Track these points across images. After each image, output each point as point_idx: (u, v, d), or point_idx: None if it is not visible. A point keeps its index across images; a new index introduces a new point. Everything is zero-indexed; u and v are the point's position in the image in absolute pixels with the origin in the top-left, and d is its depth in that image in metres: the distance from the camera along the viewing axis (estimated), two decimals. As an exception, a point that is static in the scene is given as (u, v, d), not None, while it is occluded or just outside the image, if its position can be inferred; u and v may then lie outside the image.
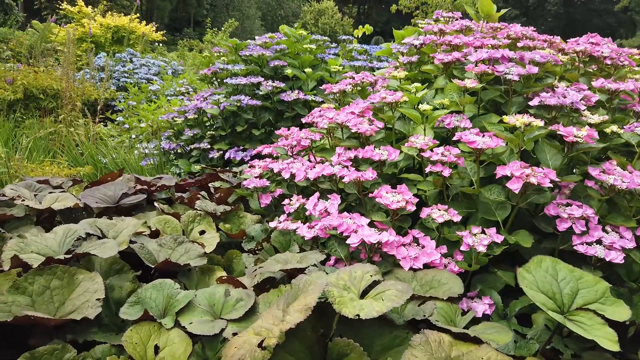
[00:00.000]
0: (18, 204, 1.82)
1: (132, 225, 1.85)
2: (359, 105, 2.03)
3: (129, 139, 5.14)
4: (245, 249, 1.91)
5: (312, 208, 1.77)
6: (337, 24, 36.25)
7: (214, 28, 12.03)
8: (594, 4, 47.39)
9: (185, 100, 4.38)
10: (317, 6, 37.48)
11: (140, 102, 6.33)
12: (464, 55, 2.02)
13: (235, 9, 37.60)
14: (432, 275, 1.47)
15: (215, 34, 11.79)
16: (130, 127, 5.12)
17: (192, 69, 10.20)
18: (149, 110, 5.00)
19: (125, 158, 4.35)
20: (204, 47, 12.84)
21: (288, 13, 40.26)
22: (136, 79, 7.83)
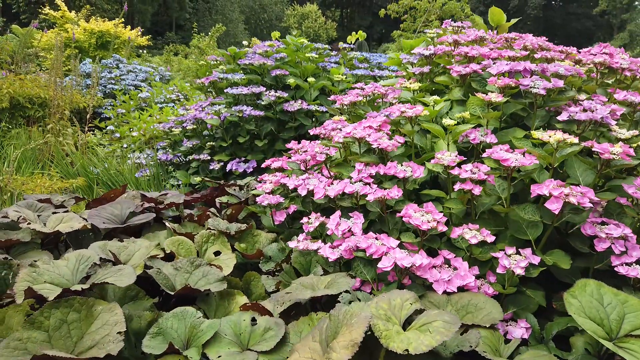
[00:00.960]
0: (23, 227, 1.72)
1: (145, 248, 1.77)
2: (376, 119, 1.98)
3: (120, 148, 5.02)
4: (264, 270, 1.83)
5: (335, 228, 1.70)
6: (321, 28, 36.27)
7: (200, 33, 11.88)
8: (573, 7, 48.19)
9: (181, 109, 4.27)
10: (300, 10, 37.47)
11: (130, 110, 6.20)
12: (483, 67, 1.97)
13: (218, 12, 37.37)
14: (468, 299, 1.42)
15: (201, 39, 11.65)
16: (121, 136, 5.00)
17: (179, 74, 10.07)
18: (142, 119, 4.88)
19: (118, 169, 4.24)
20: (191, 52, 12.70)
21: (271, 17, 40.15)
22: (123, 85, 7.68)
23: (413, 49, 2.71)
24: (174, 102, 6.29)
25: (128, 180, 3.96)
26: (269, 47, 3.58)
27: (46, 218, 1.93)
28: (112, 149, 5.06)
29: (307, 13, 36.90)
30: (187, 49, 12.86)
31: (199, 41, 11.49)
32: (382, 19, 48.97)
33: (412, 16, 9.60)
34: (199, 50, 11.48)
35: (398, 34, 9.69)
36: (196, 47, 11.33)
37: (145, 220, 1.98)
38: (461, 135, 1.77)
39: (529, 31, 11.77)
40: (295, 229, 2.12)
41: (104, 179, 4.18)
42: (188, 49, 12.20)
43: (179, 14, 39.22)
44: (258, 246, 1.99)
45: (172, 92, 6.37)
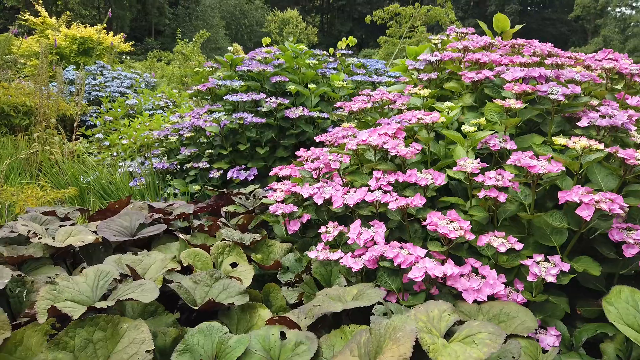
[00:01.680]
0: (34, 241, 1.65)
1: (160, 261, 1.72)
2: (390, 126, 1.96)
3: (110, 156, 4.92)
4: (282, 281, 1.79)
5: (356, 237, 1.68)
6: (302, 34, 36.24)
7: (184, 39, 11.78)
8: (548, 13, 49.16)
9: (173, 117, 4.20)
10: (281, 15, 37.39)
11: (117, 117, 6.09)
12: (497, 73, 1.97)
13: (198, 18, 37.16)
14: (500, 308, 1.40)
15: (185, 45, 11.54)
16: (111, 144, 4.90)
17: (163, 80, 9.96)
18: (133, 127, 4.80)
19: (110, 178, 4.15)
20: (175, 57, 12.58)
21: (252, 22, 40.05)
22: (108, 92, 7.55)
23: (418, 55, 2.71)
24: (162, 109, 6.21)
25: (121, 190, 3.88)
26: (267, 53, 3.55)
27: (54, 231, 1.87)
28: (102, 157, 4.96)
29: (288, 19, 36.84)
30: (170, 54, 12.72)
31: (183, 47, 11.38)
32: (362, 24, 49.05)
33: (397, 22, 9.66)
34: (183, 56, 11.38)
35: (384, 40, 9.74)
36: (180, 52, 11.22)
37: (156, 232, 1.93)
38: (480, 142, 1.76)
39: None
40: (309, 238, 2.09)
41: (96, 188, 4.09)
42: (171, 54, 12.07)
43: (158, 19, 38.89)
44: (273, 256, 1.95)
45: (160, 99, 6.28)
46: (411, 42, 9.15)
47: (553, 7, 50.64)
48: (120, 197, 3.80)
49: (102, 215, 2.27)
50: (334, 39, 48.29)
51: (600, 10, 39.46)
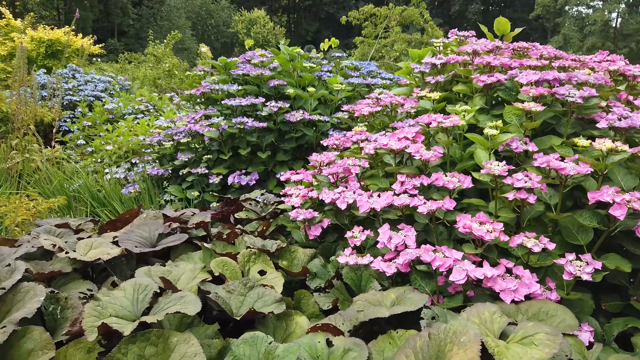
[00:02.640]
0: (61, 256, 1.60)
1: (189, 271, 1.70)
2: (409, 129, 1.98)
3: (93, 163, 4.80)
4: (312, 287, 1.80)
5: (387, 241, 1.69)
6: (270, 34, 36.16)
7: (155, 40, 11.57)
8: (509, 12, 50.36)
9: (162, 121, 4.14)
10: (248, 15, 37.20)
11: (95, 122, 5.95)
12: (511, 76, 2.02)
13: (163, 18, 36.55)
14: (538, 307, 1.44)
15: (156, 46, 11.35)
16: (95, 149, 4.78)
17: (135, 82, 9.76)
18: (118, 132, 4.69)
19: (98, 185, 4.05)
20: (145, 59, 12.35)
21: (219, 22, 39.65)
22: (82, 96, 7.35)
23: (421, 58, 2.75)
24: (143, 112, 6.09)
25: (112, 197, 3.80)
26: (261, 56, 3.54)
27: (73, 244, 1.82)
28: (85, 164, 4.83)
29: (255, 19, 36.69)
30: (141, 56, 12.46)
31: (154, 49, 11.18)
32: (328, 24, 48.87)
33: (372, 23, 9.74)
34: (155, 58, 11.18)
35: (360, 40, 9.81)
36: (152, 54, 11.02)
37: (178, 242, 1.90)
38: (502, 144, 1.81)
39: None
40: (329, 243, 2.09)
41: (85, 196, 3.99)
42: (142, 56, 11.83)
43: (121, 20, 38.06)
44: (297, 262, 1.95)
45: (140, 103, 6.16)
46: (386, 42, 9.25)
47: (514, 6, 51.96)
48: (113, 205, 3.71)
49: (112, 226, 2.22)
50: (301, 39, 48.26)
51: (559, 9, 40.68)
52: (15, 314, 1.31)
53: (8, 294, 1.39)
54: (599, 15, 35.64)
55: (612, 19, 36.67)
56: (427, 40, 9.16)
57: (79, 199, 4.14)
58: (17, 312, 1.33)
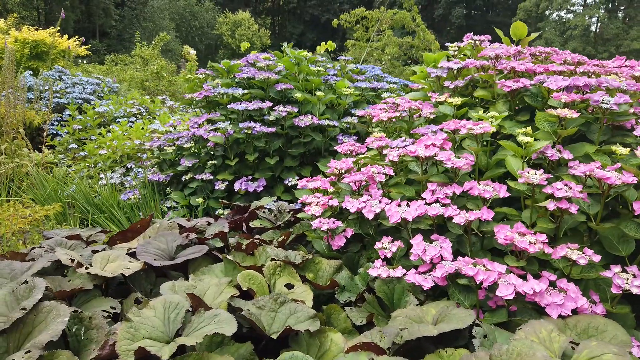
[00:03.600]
0: (80, 272, 1.50)
1: (215, 286, 1.62)
2: (437, 136, 1.93)
3: (86, 168, 4.66)
4: (342, 301, 1.72)
5: (422, 253, 1.63)
6: (255, 36, 36.02)
7: (143, 42, 11.39)
8: (492, 16, 50.96)
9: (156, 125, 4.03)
10: (232, 17, 37.02)
11: (86, 125, 5.79)
12: (540, 81, 1.98)
13: (147, 20, 36.12)
14: (587, 322, 1.39)
15: (144, 48, 11.16)
16: (89, 154, 4.64)
17: (123, 85, 9.58)
18: (113, 136, 4.56)
19: (94, 191, 3.93)
20: (132, 61, 12.15)
21: (203, 24, 39.32)
22: (71, 99, 7.17)
23: (436, 62, 2.70)
24: (135, 116, 5.95)
25: (110, 204, 3.68)
26: (265, 60, 3.46)
27: (88, 258, 1.72)
28: (77, 169, 4.69)
29: (239, 20, 36.51)
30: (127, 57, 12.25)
31: (142, 50, 11.00)
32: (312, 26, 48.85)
33: (364, 26, 9.71)
34: (143, 59, 11.01)
35: (352, 44, 9.77)
36: (139, 56, 10.83)
37: (198, 254, 1.81)
38: (536, 152, 1.76)
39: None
40: (352, 254, 2.02)
41: (80, 202, 3.86)
42: (128, 57, 11.63)
43: (104, 20, 37.54)
44: (322, 274, 1.87)
45: (132, 106, 6.02)
46: (378, 45, 9.22)
47: (496, 11, 52.56)
48: (112, 212, 3.59)
49: (123, 236, 2.12)
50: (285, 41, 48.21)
51: (540, 14, 41.24)
52: (40, 337, 1.22)
53: (29, 315, 1.30)
54: (580, 20, 36.22)
55: (592, 24, 37.32)
56: (417, 44, 9.15)
57: (72, 205, 4.01)
58: (40, 335, 1.23)
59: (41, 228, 3.40)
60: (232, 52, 37.43)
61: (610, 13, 37.24)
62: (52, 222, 3.60)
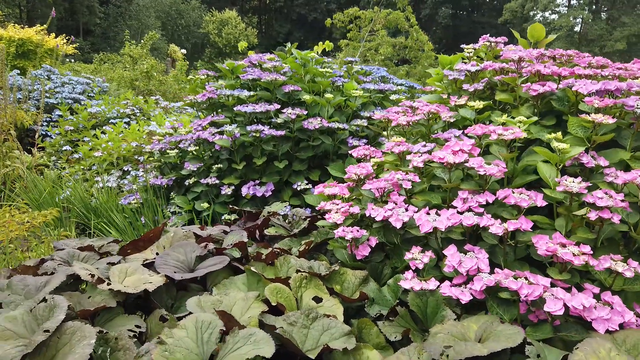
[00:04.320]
0: (102, 288, 1.41)
1: (241, 300, 1.54)
2: (465, 142, 1.86)
3: (81, 171, 4.53)
4: (372, 314, 1.65)
5: (457, 265, 1.57)
6: (241, 34, 35.79)
7: (132, 40, 11.20)
8: (477, 17, 51.32)
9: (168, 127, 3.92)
10: (219, 16, 36.73)
11: (78, 126, 5.65)
12: (569, 85, 1.92)
13: (132, 18, 35.68)
14: (637, 338, 1.34)
15: (133, 47, 10.97)
16: (85, 156, 4.51)
17: (112, 85, 9.41)
18: (110, 137, 4.44)
19: (91, 194, 3.81)
20: (120, 60, 11.96)
21: (189, 22, 38.97)
22: (60, 99, 7.00)
23: (452, 64, 2.64)
24: (129, 117, 5.82)
25: (109, 208, 3.57)
26: (269, 60, 3.37)
27: (105, 271, 1.63)
28: (71, 172, 4.55)
29: (226, 19, 36.25)
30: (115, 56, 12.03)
31: (131, 49, 10.82)
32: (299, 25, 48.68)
33: (357, 25, 9.65)
34: (132, 59, 10.83)
35: (345, 43, 9.71)
36: (128, 55, 10.65)
37: (220, 266, 1.73)
38: (570, 158, 1.70)
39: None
40: (375, 263, 1.95)
41: (78, 207, 3.74)
42: (117, 56, 11.42)
43: (88, 18, 36.99)
44: (347, 286, 1.80)
45: (125, 107, 5.88)
46: (371, 45, 9.17)
47: (481, 11, 52.93)
48: (111, 217, 3.48)
49: (134, 246, 2.03)
50: (272, 40, 47.91)
51: (526, 14, 41.62)
52: (66, 363, 1.13)
53: (52, 337, 1.21)
54: (565, 20, 36.63)
55: (576, 24, 37.76)
56: (410, 44, 9.12)
57: (67, 209, 3.89)
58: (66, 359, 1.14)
59: (39, 234, 3.28)
60: (219, 51, 37.15)
61: (594, 14, 37.74)
62: (50, 227, 3.48)
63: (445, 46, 45.85)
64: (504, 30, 50.10)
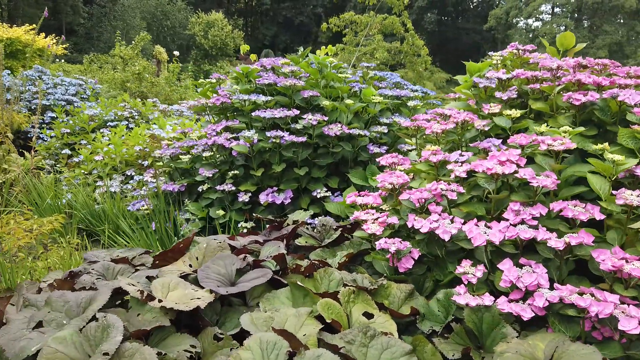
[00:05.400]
0: (153, 305, 1.33)
1: (293, 317, 1.47)
2: (511, 152, 1.82)
3: (81, 175, 4.40)
4: (425, 331, 1.60)
5: (515, 280, 1.52)
6: (228, 37, 35.52)
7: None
8: (462, 23, 51.86)
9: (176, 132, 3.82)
10: (205, 18, 36.42)
11: (74, 129, 5.50)
12: (612, 95, 1.90)
13: (117, 18, 35.21)
14: None
15: (123, 48, 10.79)
16: (86, 160, 4.38)
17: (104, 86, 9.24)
18: (112, 140, 4.32)
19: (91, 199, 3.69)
20: (109, 61, 11.77)
21: (175, 24, 38.56)
22: (52, 100, 6.83)
23: (481, 71, 2.61)
24: (127, 119, 5.69)
25: (115, 215, 3.46)
26: (285, 64, 3.31)
27: (145, 285, 1.54)
28: (71, 176, 4.42)
29: (212, 21, 35.91)
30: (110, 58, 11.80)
31: (122, 50, 10.64)
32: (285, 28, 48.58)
33: (353, 30, 9.63)
34: (123, 60, 10.66)
35: (340, 47, 9.68)
36: (119, 56, 10.47)
37: (263, 280, 1.65)
38: (624, 170, 1.67)
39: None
40: (417, 276, 1.90)
41: (82, 213, 3.62)
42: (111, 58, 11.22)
43: (72, 18, 36.44)
44: (392, 299, 1.74)
45: (123, 109, 5.75)
46: (367, 50, 9.16)
47: (466, 17, 53.50)
48: (118, 223, 3.38)
49: (163, 258, 1.94)
50: (259, 43, 47.72)
51: (510, 21, 42.16)
52: (131, 390, 1.05)
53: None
54: (549, 28, 37.19)
55: (560, 32, 38.33)
56: (406, 49, 9.13)
57: (69, 214, 3.76)
58: (129, 386, 1.06)
59: (45, 242, 3.15)
60: (205, 53, 36.85)
61: (576, 22, 38.38)
62: (55, 234, 3.36)
63: (431, 51, 46.25)
64: (488, 37, 50.72)
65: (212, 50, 35.83)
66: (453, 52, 45.85)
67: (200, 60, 34.69)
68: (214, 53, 36.18)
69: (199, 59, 36.00)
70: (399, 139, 3.22)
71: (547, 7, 41.04)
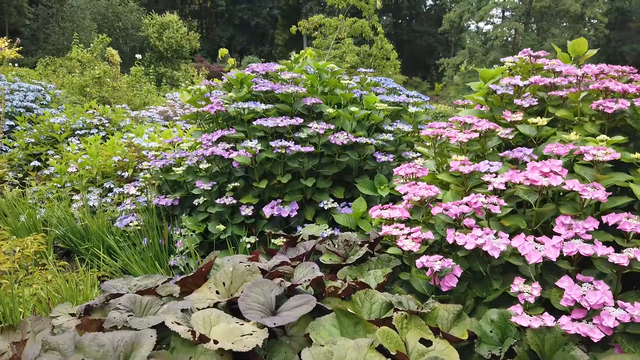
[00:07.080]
0: (208, 347, 1.18)
1: (352, 350, 1.35)
2: (552, 163, 1.76)
3: (54, 188, 4.11)
4: (485, 355, 1.51)
5: (579, 298, 1.46)
6: (184, 39, 34.77)
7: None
8: (417, 26, 52.84)
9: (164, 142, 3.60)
10: (159, 19, 35.53)
11: (39, 138, 5.16)
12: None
13: (65, 19, 33.84)
14: None
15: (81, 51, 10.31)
16: (59, 172, 4.09)
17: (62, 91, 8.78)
18: (89, 152, 4.04)
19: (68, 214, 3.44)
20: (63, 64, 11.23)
21: (127, 25, 37.40)
22: (10, 107, 6.41)
23: (494, 78, 2.56)
24: (97, 127, 5.38)
25: (101, 234, 3.22)
26: (282, 71, 3.18)
27: (184, 320, 1.39)
28: (43, 190, 4.12)
29: (167, 23, 35.07)
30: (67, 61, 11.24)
31: (79, 53, 10.17)
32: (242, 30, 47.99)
33: (322, 33, 9.54)
34: (79, 62, 10.19)
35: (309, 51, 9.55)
36: (77, 60, 10.00)
37: (308, 308, 1.52)
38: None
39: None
40: (458, 294, 1.81)
41: (63, 230, 3.37)
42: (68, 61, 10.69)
43: (16, 19, 34.77)
44: (440, 321, 1.65)
45: (92, 116, 5.44)
46: (337, 53, 9.09)
47: (420, 21, 54.55)
48: (105, 240, 3.14)
49: (184, 284, 1.78)
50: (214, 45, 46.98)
51: (462, 24, 43.21)
52: None
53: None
54: (500, 32, 38.34)
55: (511, 35, 39.59)
56: (375, 53, 9.12)
57: (44, 231, 3.49)
58: None
59: (26, 264, 2.88)
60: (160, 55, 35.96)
61: (526, 25, 39.71)
62: (36, 256, 3.08)
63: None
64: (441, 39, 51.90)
65: (167, 53, 34.98)
66: (408, 55, 46.55)
67: (155, 63, 33.81)
68: (169, 55, 35.33)
69: (154, 61, 35.08)
70: (400, 145, 3.15)
71: (497, 11, 42.30)
